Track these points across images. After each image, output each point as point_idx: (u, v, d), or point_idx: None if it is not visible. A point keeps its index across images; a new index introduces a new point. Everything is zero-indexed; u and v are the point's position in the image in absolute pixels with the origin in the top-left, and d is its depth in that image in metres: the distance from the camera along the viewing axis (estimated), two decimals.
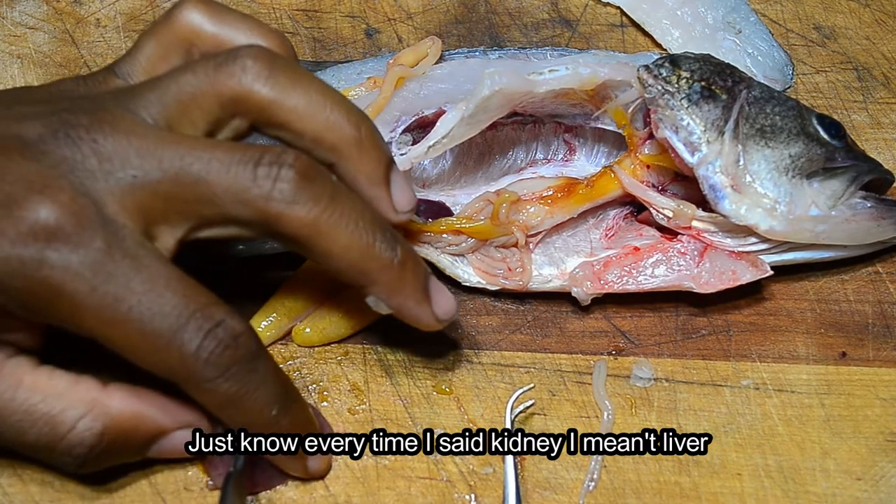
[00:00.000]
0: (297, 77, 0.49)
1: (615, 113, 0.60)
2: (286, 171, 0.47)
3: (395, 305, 0.51)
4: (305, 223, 0.47)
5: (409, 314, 0.52)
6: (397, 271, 0.50)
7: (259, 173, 0.47)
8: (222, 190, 0.47)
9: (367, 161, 0.50)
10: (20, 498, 0.52)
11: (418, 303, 0.51)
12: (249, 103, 0.49)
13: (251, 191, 0.47)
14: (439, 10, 0.71)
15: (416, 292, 0.51)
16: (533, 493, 0.54)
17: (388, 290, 0.50)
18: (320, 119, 0.49)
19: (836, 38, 0.71)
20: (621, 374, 0.58)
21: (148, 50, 0.52)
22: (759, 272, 0.58)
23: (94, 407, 0.49)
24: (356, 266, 0.49)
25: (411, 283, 0.51)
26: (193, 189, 0.47)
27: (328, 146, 0.49)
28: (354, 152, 0.50)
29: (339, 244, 0.48)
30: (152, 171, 0.46)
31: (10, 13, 0.69)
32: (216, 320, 0.46)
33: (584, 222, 0.61)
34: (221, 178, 0.47)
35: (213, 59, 0.49)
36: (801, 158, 0.59)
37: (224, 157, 0.47)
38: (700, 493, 0.54)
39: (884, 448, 0.56)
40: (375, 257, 0.49)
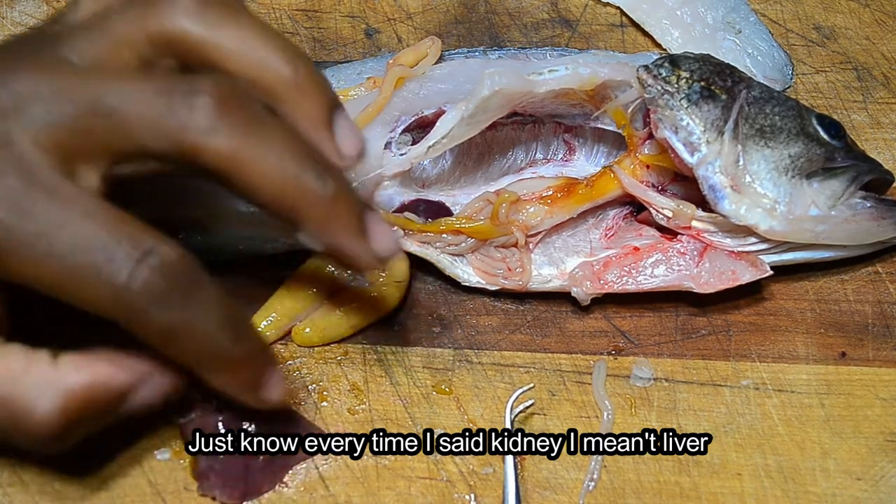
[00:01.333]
0: (231, 14, 0.47)
1: (615, 113, 0.60)
2: (203, 99, 0.44)
3: (328, 243, 0.48)
4: (224, 155, 0.45)
5: (345, 252, 0.49)
6: (328, 206, 0.47)
7: (174, 102, 0.44)
8: (137, 120, 0.44)
9: (306, 103, 0.48)
10: (20, 498, 0.52)
11: (353, 238, 0.48)
12: (179, 41, 0.46)
13: (166, 121, 0.44)
14: (439, 10, 0.71)
15: (349, 228, 0.48)
16: (533, 492, 0.54)
17: (318, 226, 0.47)
18: (254, 58, 0.47)
19: (836, 38, 0.71)
20: (621, 374, 0.58)
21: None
22: (758, 272, 0.58)
23: (49, 385, 0.46)
24: (281, 200, 0.46)
25: (344, 217, 0.47)
26: (108, 121, 0.45)
27: (263, 87, 0.47)
28: (292, 93, 0.47)
29: (262, 177, 0.45)
30: (66, 106, 0.45)
31: (10, 13, 0.69)
32: (146, 248, 0.44)
33: (583, 222, 0.61)
34: (136, 109, 0.44)
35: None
36: (800, 158, 0.59)
37: (140, 86, 0.45)
38: (700, 493, 0.54)
39: (884, 448, 0.56)
40: (303, 191, 0.46)
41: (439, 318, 0.59)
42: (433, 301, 0.60)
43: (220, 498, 0.53)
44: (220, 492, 0.53)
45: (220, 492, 0.52)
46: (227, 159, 0.45)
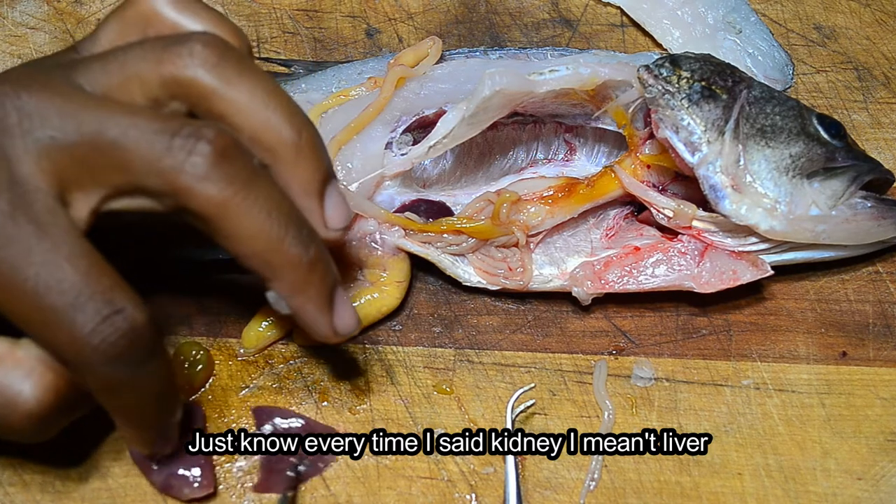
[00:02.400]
0: (245, 71, 0.47)
1: (615, 113, 0.60)
2: (203, 146, 0.45)
3: (295, 306, 0.49)
4: (214, 202, 0.45)
5: (308, 319, 0.49)
6: (304, 272, 0.47)
7: (175, 143, 0.45)
8: (136, 157, 0.45)
9: (302, 169, 0.48)
10: (21, 498, 0.52)
11: (319, 310, 0.49)
12: (190, 88, 0.47)
13: (164, 160, 0.45)
14: (440, 10, 0.71)
15: (319, 298, 0.49)
16: (534, 492, 0.54)
17: (290, 288, 0.48)
18: (260, 117, 0.47)
19: (837, 38, 0.71)
20: (622, 374, 0.58)
21: (109, 29, 0.51)
22: (759, 272, 0.58)
23: (35, 367, 0.46)
24: (261, 256, 0.47)
25: (316, 287, 0.48)
26: (109, 153, 0.45)
27: (264, 146, 0.48)
28: (291, 157, 0.48)
29: (247, 230, 0.46)
30: (70, 133, 0.45)
31: (10, 13, 0.69)
32: (116, 306, 0.44)
33: (584, 222, 0.61)
34: (137, 145, 0.45)
35: (163, 39, 0.48)
36: (801, 158, 0.59)
37: (144, 124, 0.45)
38: (701, 492, 0.55)
39: (884, 448, 0.56)
40: (283, 252, 0.47)
41: (440, 318, 0.59)
42: (434, 301, 0.60)
43: (192, 494, 0.53)
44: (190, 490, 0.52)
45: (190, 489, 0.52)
46: (215, 207, 0.45)
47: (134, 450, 0.53)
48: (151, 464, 0.52)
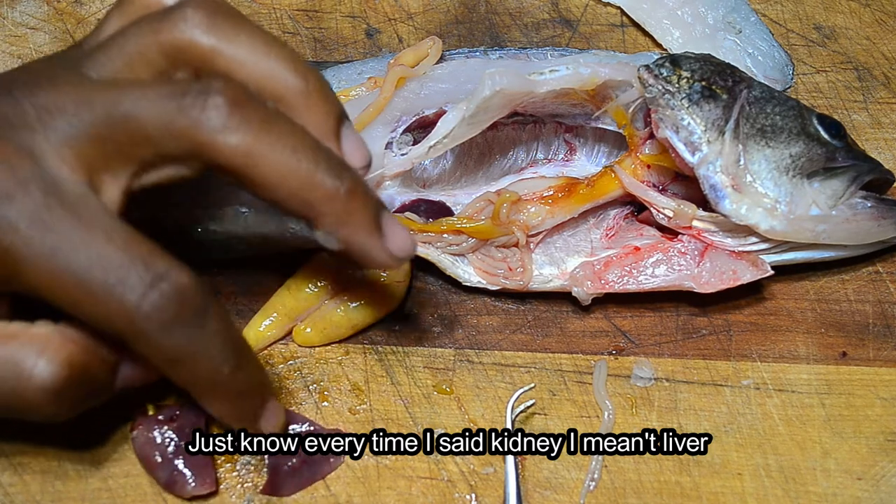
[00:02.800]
0: (240, 25, 0.48)
1: (616, 113, 0.60)
2: (214, 98, 0.45)
3: (344, 238, 0.48)
4: (238, 151, 0.45)
5: (360, 248, 0.48)
6: (343, 201, 0.47)
7: (186, 102, 0.45)
8: (152, 124, 0.45)
9: (314, 112, 0.48)
10: (21, 498, 0.52)
11: (369, 235, 0.48)
12: (191, 52, 0.47)
13: (179, 121, 0.45)
14: (440, 10, 0.71)
15: (365, 224, 0.48)
16: (534, 492, 0.54)
17: (334, 221, 0.47)
18: (263, 67, 0.47)
19: (837, 38, 0.71)
20: (622, 374, 0.58)
21: (112, 23, 0.51)
22: (759, 272, 0.58)
23: (51, 342, 0.46)
24: (297, 196, 0.46)
25: (360, 213, 0.47)
26: (125, 128, 0.45)
27: (272, 96, 0.48)
28: (301, 102, 0.48)
29: (277, 172, 0.46)
30: (86, 117, 0.45)
31: (10, 13, 0.69)
32: (159, 272, 0.44)
33: (584, 222, 0.61)
34: (150, 113, 0.45)
35: (157, 13, 0.48)
36: (801, 158, 0.59)
37: (153, 92, 0.46)
38: (701, 492, 0.55)
39: (884, 448, 0.56)
40: (318, 186, 0.46)
41: (440, 318, 0.59)
42: (434, 301, 0.60)
43: (194, 491, 0.53)
44: (193, 485, 0.53)
45: (194, 485, 0.53)
46: (242, 156, 0.45)
47: (139, 446, 0.53)
48: (156, 459, 0.52)
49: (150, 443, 0.53)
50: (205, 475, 0.52)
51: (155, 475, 0.53)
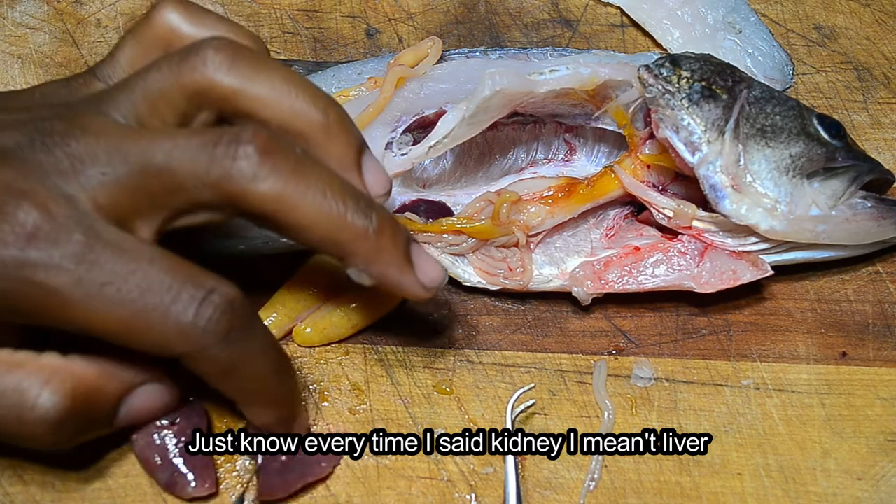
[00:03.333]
0: (260, 65, 0.49)
1: (616, 113, 0.60)
2: (245, 148, 0.46)
3: (377, 276, 0.50)
4: (270, 198, 0.46)
5: (393, 283, 0.50)
6: (373, 240, 0.48)
7: (217, 153, 0.46)
8: (185, 175, 0.46)
9: (336, 145, 0.50)
10: (21, 498, 0.52)
11: (400, 270, 0.50)
12: (213, 94, 0.48)
13: (212, 172, 0.46)
14: (440, 11, 0.71)
15: (396, 260, 0.49)
16: (534, 492, 0.54)
17: (365, 260, 0.49)
18: (285, 105, 0.49)
19: (837, 38, 0.71)
20: (622, 374, 0.58)
21: (127, 51, 0.52)
22: (759, 272, 0.58)
23: (56, 373, 0.48)
24: (329, 238, 0.48)
25: (390, 251, 0.49)
26: (159, 179, 0.46)
27: (295, 133, 0.49)
28: (322, 137, 0.49)
29: (308, 216, 0.47)
30: (119, 167, 0.46)
31: (10, 13, 0.69)
32: (208, 288, 0.46)
33: (584, 222, 0.61)
34: (183, 164, 0.46)
35: (177, 54, 0.49)
36: (801, 158, 0.59)
37: (184, 142, 0.47)
38: (701, 492, 0.55)
39: (884, 448, 0.56)
40: (348, 227, 0.48)
41: (440, 318, 0.59)
42: (434, 301, 0.60)
43: (194, 492, 0.53)
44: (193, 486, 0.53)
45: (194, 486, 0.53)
46: (273, 202, 0.47)
47: (139, 447, 0.53)
48: (156, 460, 0.52)
49: (151, 444, 0.53)
50: (205, 476, 0.52)
51: (155, 476, 0.53)
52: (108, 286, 0.45)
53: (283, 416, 0.52)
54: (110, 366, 0.49)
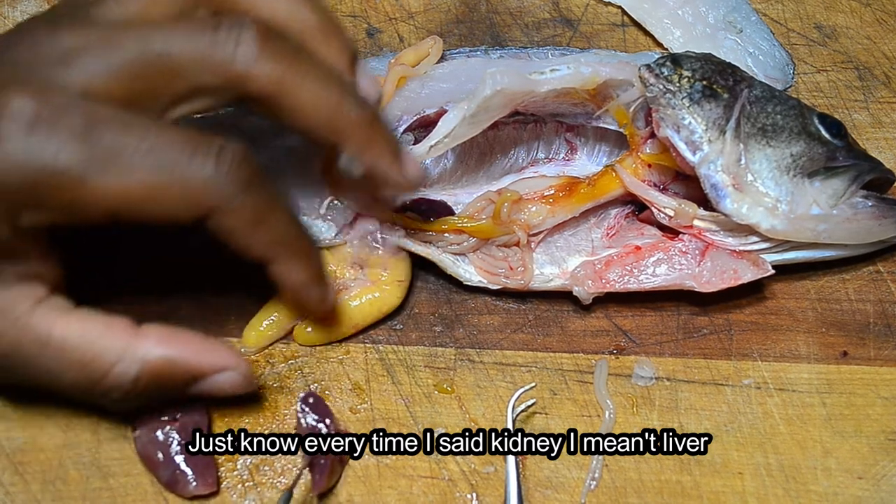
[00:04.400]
0: None
1: (617, 112, 0.60)
2: (247, 33, 0.47)
3: (368, 161, 0.51)
4: (272, 80, 0.48)
5: (381, 170, 0.52)
6: (368, 128, 0.50)
7: (219, 37, 0.47)
8: (186, 60, 0.47)
9: (332, 47, 0.51)
10: (22, 497, 0.52)
11: (390, 161, 0.52)
12: None
13: (214, 55, 0.47)
14: (440, 10, 0.71)
15: (387, 149, 0.52)
16: (535, 492, 0.54)
17: (360, 146, 0.51)
18: (283, 4, 0.50)
19: (837, 38, 0.71)
20: (623, 374, 0.58)
21: None
22: (760, 271, 0.58)
23: (128, 351, 0.49)
24: (327, 122, 0.49)
25: (382, 139, 0.51)
26: (158, 65, 0.47)
27: (292, 31, 0.50)
28: (319, 37, 0.51)
29: (308, 101, 0.49)
30: (115, 56, 0.47)
31: (11, 13, 0.69)
32: (219, 144, 0.47)
33: (585, 221, 0.61)
34: (184, 49, 0.47)
35: None
36: (802, 157, 0.59)
37: (184, 29, 0.47)
38: (701, 491, 0.54)
39: (885, 447, 0.56)
40: (346, 114, 0.50)
41: (441, 318, 0.59)
42: (435, 300, 0.60)
43: (195, 490, 0.53)
44: (194, 485, 0.53)
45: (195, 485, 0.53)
46: (274, 84, 0.48)
47: (141, 445, 0.53)
48: (158, 458, 0.52)
49: (153, 442, 0.53)
50: (206, 475, 0.52)
51: (157, 474, 0.53)
52: (120, 157, 0.45)
53: (314, 274, 0.52)
54: (183, 348, 0.50)
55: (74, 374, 0.49)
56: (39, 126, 0.45)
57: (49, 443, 0.54)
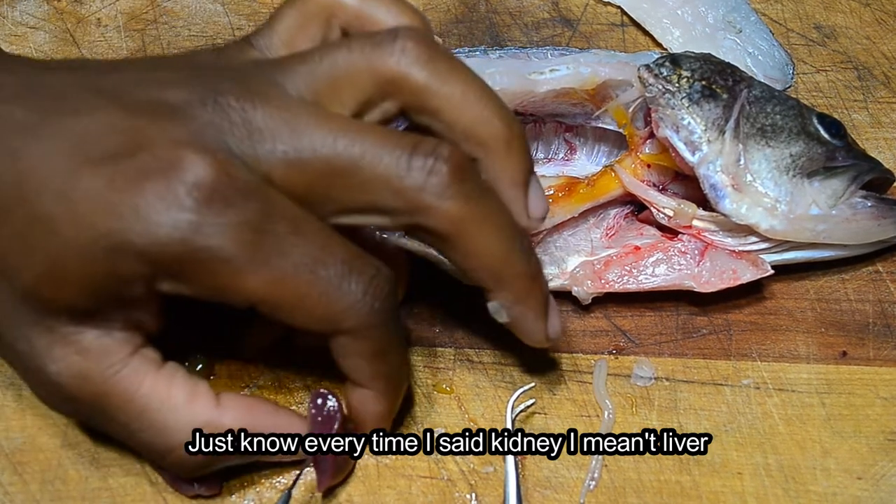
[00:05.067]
0: (456, 67, 0.48)
1: (616, 112, 0.60)
2: (441, 165, 0.46)
3: (517, 315, 0.51)
4: (453, 219, 0.46)
5: (527, 326, 0.52)
6: (528, 282, 0.50)
7: (414, 164, 0.46)
8: (374, 177, 0.46)
9: (513, 161, 0.49)
10: (21, 497, 0.52)
11: (537, 319, 0.51)
12: (405, 86, 0.47)
13: (404, 181, 0.45)
14: (440, 10, 0.71)
15: (539, 306, 0.51)
16: (534, 491, 0.54)
17: (515, 298, 0.50)
18: (475, 112, 0.48)
19: (837, 38, 0.71)
20: (622, 374, 0.58)
21: (287, 21, 0.51)
22: (759, 271, 0.58)
23: (207, 429, 0.49)
24: (493, 269, 0.49)
25: (537, 296, 0.50)
26: (344, 174, 0.45)
27: (478, 141, 0.48)
28: (503, 150, 0.49)
29: (482, 245, 0.48)
30: (304, 151, 0.45)
31: (10, 13, 0.69)
32: (376, 269, 0.47)
33: (584, 221, 0.61)
34: (375, 166, 0.45)
35: (370, 38, 0.48)
36: (801, 157, 0.59)
37: (378, 143, 0.46)
38: (701, 492, 0.54)
39: (884, 447, 0.56)
40: (513, 264, 0.49)
41: (440, 317, 0.59)
42: (434, 300, 0.60)
43: (198, 490, 0.53)
44: (197, 485, 0.53)
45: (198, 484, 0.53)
46: (454, 224, 0.47)
47: None
48: None
49: None
50: (210, 475, 0.52)
51: (160, 473, 0.53)
52: (283, 257, 0.44)
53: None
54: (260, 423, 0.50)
55: (150, 437, 0.48)
56: (215, 202, 0.43)
57: (48, 443, 0.54)
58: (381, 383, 0.50)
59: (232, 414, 0.49)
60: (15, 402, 0.55)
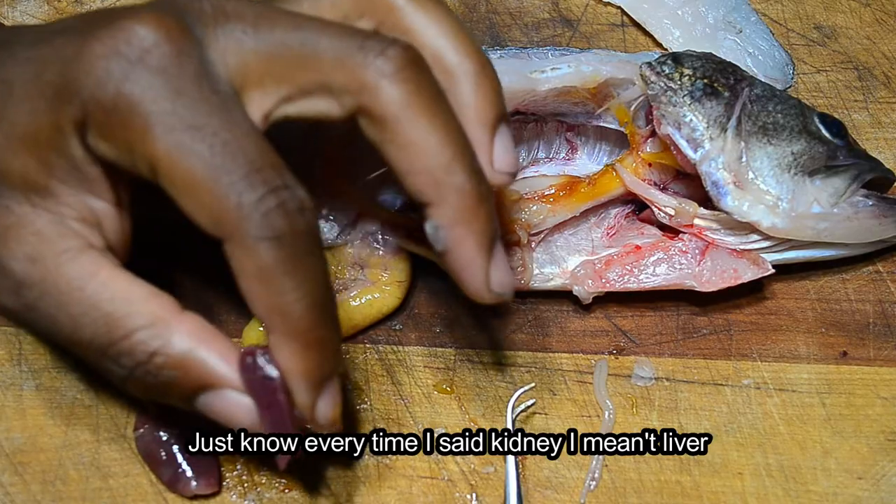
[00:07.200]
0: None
1: (617, 111, 0.60)
2: (394, 50, 0.45)
3: (455, 239, 0.47)
4: (397, 102, 0.45)
5: (464, 258, 0.47)
6: (473, 201, 0.46)
7: (367, 44, 0.45)
8: (327, 55, 0.45)
9: (481, 97, 0.48)
10: (22, 497, 0.52)
11: (479, 250, 0.47)
12: (381, 4, 0.48)
13: (354, 57, 0.45)
14: None
15: (482, 236, 0.47)
16: (534, 492, 0.54)
17: (454, 216, 0.46)
18: (447, 41, 0.48)
19: (837, 38, 0.71)
20: (622, 374, 0.58)
21: None
22: (760, 270, 0.58)
23: (158, 325, 0.45)
24: (431, 173, 0.45)
25: (482, 223, 0.46)
26: (299, 51, 0.46)
27: (446, 68, 0.48)
28: (471, 82, 0.48)
29: (422, 139, 0.45)
30: (263, 33, 0.46)
31: (11, 13, 0.69)
32: (284, 182, 0.43)
33: (585, 221, 0.61)
34: (329, 45, 0.46)
35: None
36: (803, 156, 0.59)
37: (338, 30, 0.46)
38: (701, 492, 0.54)
39: (885, 447, 0.56)
40: (455, 174, 0.45)
41: (441, 318, 0.59)
42: (435, 300, 0.60)
43: (197, 490, 0.53)
44: (196, 484, 0.53)
45: (197, 484, 0.53)
46: (397, 107, 0.45)
47: (144, 443, 0.53)
48: (161, 456, 0.52)
49: (156, 440, 0.52)
50: (209, 475, 0.52)
51: (158, 472, 0.53)
52: (196, 131, 0.43)
53: (307, 369, 0.45)
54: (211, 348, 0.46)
55: (96, 329, 0.45)
56: (150, 60, 0.43)
57: (49, 443, 0.54)
58: (278, 320, 0.44)
59: (187, 326, 0.46)
60: (15, 403, 0.55)
